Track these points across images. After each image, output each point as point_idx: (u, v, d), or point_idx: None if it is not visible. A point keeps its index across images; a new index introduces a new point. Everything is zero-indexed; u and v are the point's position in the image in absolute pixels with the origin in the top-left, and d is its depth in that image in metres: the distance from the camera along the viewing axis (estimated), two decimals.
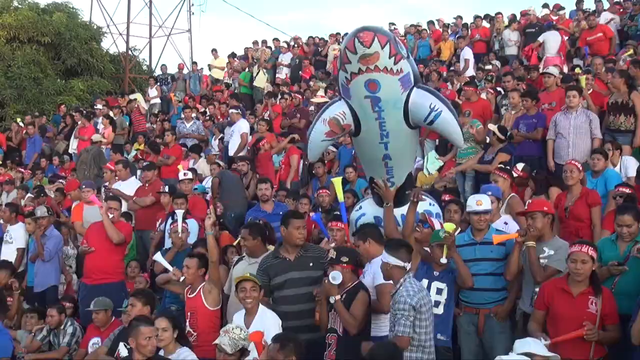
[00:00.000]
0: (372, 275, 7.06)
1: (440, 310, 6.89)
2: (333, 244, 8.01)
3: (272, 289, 7.27)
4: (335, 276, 6.56)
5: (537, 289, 6.86)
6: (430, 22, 22.98)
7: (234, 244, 9.54)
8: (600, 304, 6.06)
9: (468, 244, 7.40)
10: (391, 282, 6.32)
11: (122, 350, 7.00)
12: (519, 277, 7.15)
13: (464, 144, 10.69)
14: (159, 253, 8.72)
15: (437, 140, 13.17)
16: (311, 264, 7.27)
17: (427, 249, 7.36)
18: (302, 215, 7.89)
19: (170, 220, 10.18)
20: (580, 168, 8.73)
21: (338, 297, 6.56)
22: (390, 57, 6.89)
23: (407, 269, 6.20)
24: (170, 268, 8.32)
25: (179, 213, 9.59)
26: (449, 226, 7.18)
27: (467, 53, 18.14)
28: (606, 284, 6.63)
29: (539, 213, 7.12)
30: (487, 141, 11.25)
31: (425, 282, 6.98)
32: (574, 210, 8.30)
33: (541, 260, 6.98)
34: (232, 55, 25.41)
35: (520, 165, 9.83)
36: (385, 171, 7.75)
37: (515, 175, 9.48)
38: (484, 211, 7.40)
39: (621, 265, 6.66)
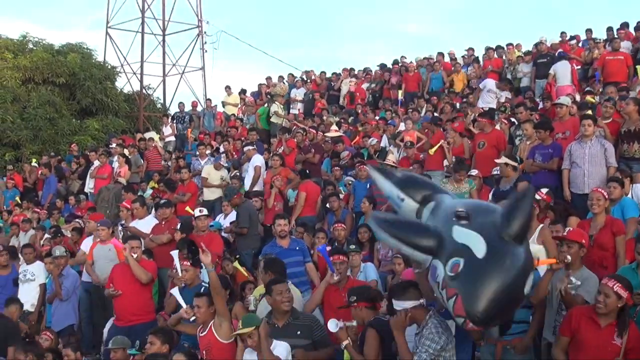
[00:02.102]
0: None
1: None
2: (337, 277, 8.03)
3: None
4: (330, 325, 6.60)
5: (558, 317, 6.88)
6: (440, 54, 23.12)
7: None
8: (626, 338, 6.01)
9: None
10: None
11: None
12: (540, 310, 7.10)
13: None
14: (176, 288, 8.71)
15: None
16: (299, 332, 7.21)
17: None
18: (284, 280, 7.77)
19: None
20: (607, 196, 8.68)
21: (347, 341, 6.59)
22: None
23: (424, 303, 6.20)
24: (184, 305, 8.29)
25: (175, 254, 9.50)
26: None
27: (490, 84, 18.16)
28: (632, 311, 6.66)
29: (576, 243, 7.08)
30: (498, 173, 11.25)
31: None
32: (599, 239, 8.23)
33: (569, 288, 6.95)
34: (243, 92, 25.56)
35: (544, 190, 9.83)
36: None
37: (538, 198, 9.43)
38: None
39: None
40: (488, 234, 5.73)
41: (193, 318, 7.99)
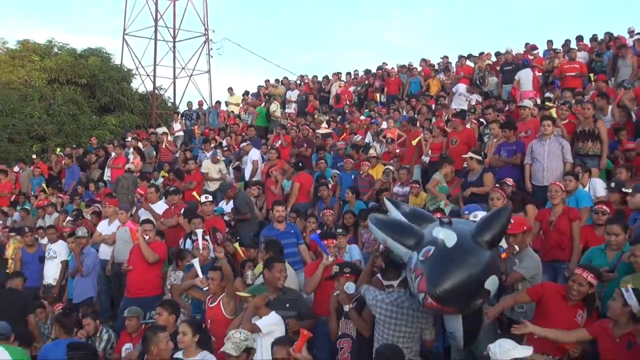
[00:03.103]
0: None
1: None
2: (332, 258, 8.05)
3: None
4: (349, 286, 6.68)
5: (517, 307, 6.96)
6: (423, 60, 23.12)
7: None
8: (584, 320, 6.10)
9: None
10: None
11: None
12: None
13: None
14: (197, 259, 8.72)
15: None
16: (287, 305, 7.29)
17: None
18: (283, 260, 7.88)
19: (189, 240, 10.33)
20: (564, 188, 8.79)
21: (352, 305, 6.66)
22: None
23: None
24: (201, 275, 8.41)
25: (199, 232, 9.60)
26: None
27: (461, 88, 18.18)
28: (600, 286, 6.73)
29: (518, 235, 7.20)
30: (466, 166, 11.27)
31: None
32: (558, 225, 8.32)
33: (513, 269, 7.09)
34: (246, 93, 25.54)
35: (510, 180, 10.01)
36: None
37: (509, 184, 9.76)
38: None
39: (612, 272, 6.74)
40: (462, 234, 5.98)
41: (206, 288, 8.13)
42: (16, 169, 21.11)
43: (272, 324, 6.74)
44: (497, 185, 9.73)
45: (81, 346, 7.21)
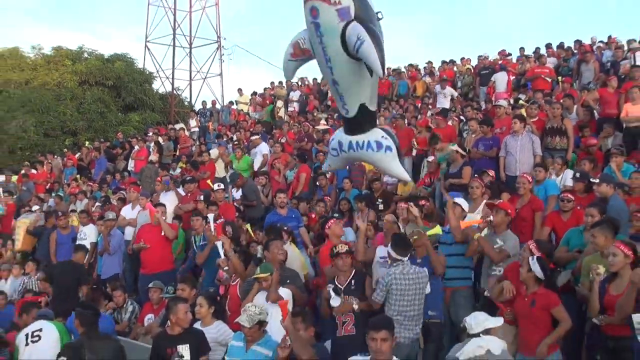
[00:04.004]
0: None
1: (428, 289, 6.66)
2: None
3: None
4: (335, 300, 6.54)
5: (491, 271, 7.06)
6: (410, 65, 23.05)
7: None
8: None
9: (447, 232, 7.55)
10: None
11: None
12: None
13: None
14: (220, 242, 8.72)
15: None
16: (288, 281, 7.20)
17: None
18: (280, 239, 7.96)
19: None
20: (530, 180, 8.79)
21: (356, 306, 6.54)
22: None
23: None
24: (222, 256, 8.46)
25: (210, 217, 9.59)
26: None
27: (437, 88, 18.15)
28: (571, 265, 6.88)
29: (502, 210, 7.29)
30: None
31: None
32: (522, 213, 8.30)
33: (495, 247, 7.08)
34: (254, 93, 25.50)
35: (491, 171, 10.14)
36: (339, 98, 7.10)
37: (490, 175, 9.88)
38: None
39: (579, 252, 6.84)
40: None
41: (226, 268, 8.18)
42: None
43: (286, 296, 6.76)
44: (476, 175, 9.74)
45: (87, 306, 7.20)
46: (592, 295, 5.74)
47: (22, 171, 19.87)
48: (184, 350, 5.88)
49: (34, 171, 19.76)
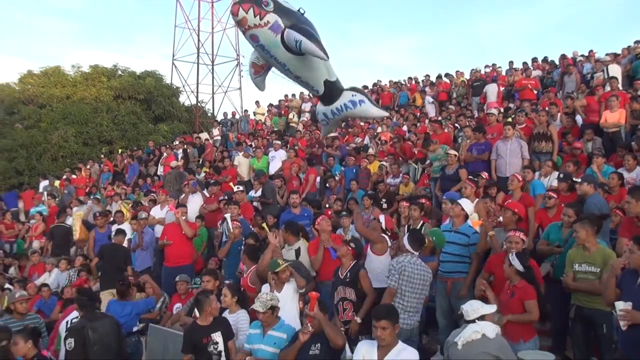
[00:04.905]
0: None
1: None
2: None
3: None
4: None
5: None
6: (410, 78, 23.01)
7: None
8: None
9: (448, 230, 7.43)
10: None
11: (197, 313, 7.04)
12: (476, 261, 7.10)
13: (437, 163, 10.94)
14: (228, 214, 9.15)
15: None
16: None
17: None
18: (299, 233, 8.18)
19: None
20: (520, 179, 8.82)
21: (357, 318, 6.47)
22: (255, 16, 7.30)
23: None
24: (231, 229, 9.03)
25: (227, 216, 9.64)
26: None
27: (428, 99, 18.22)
28: (550, 258, 6.87)
29: (509, 210, 7.27)
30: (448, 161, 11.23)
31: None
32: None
33: (504, 244, 6.97)
34: (270, 105, 25.54)
35: (485, 174, 10.13)
36: (305, 85, 7.88)
37: (484, 177, 9.86)
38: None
39: (559, 248, 6.83)
40: None
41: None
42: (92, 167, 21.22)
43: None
44: (469, 177, 9.71)
45: (84, 292, 7.44)
46: (608, 286, 5.26)
47: (64, 176, 19.96)
48: (218, 337, 5.95)
49: (74, 176, 19.85)
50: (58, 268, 12.02)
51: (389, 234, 7.90)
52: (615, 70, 14.11)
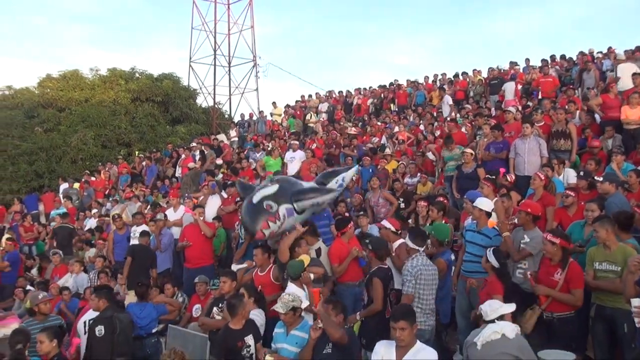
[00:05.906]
0: None
1: None
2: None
3: None
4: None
5: (517, 266, 6.93)
6: (426, 77, 22.93)
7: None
8: (565, 275, 6.00)
9: (472, 230, 7.33)
10: None
11: (216, 314, 7.07)
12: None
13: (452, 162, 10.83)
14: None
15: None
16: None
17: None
18: (318, 233, 8.45)
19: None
20: (543, 177, 8.69)
21: (358, 317, 6.54)
22: (275, 224, 8.12)
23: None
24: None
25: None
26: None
27: (447, 99, 18.10)
28: (573, 257, 6.65)
29: (523, 211, 7.14)
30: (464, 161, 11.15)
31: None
32: None
33: (521, 244, 6.95)
34: (287, 106, 25.57)
35: (511, 176, 9.96)
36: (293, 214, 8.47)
37: (509, 180, 9.67)
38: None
39: (581, 247, 6.78)
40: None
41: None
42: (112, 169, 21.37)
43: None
44: (487, 177, 9.62)
45: (102, 287, 8.14)
46: (627, 284, 5.31)
47: (84, 179, 20.17)
48: (250, 340, 6.02)
49: (93, 179, 20.06)
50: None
51: (400, 232, 7.84)
52: (628, 68, 13.66)
